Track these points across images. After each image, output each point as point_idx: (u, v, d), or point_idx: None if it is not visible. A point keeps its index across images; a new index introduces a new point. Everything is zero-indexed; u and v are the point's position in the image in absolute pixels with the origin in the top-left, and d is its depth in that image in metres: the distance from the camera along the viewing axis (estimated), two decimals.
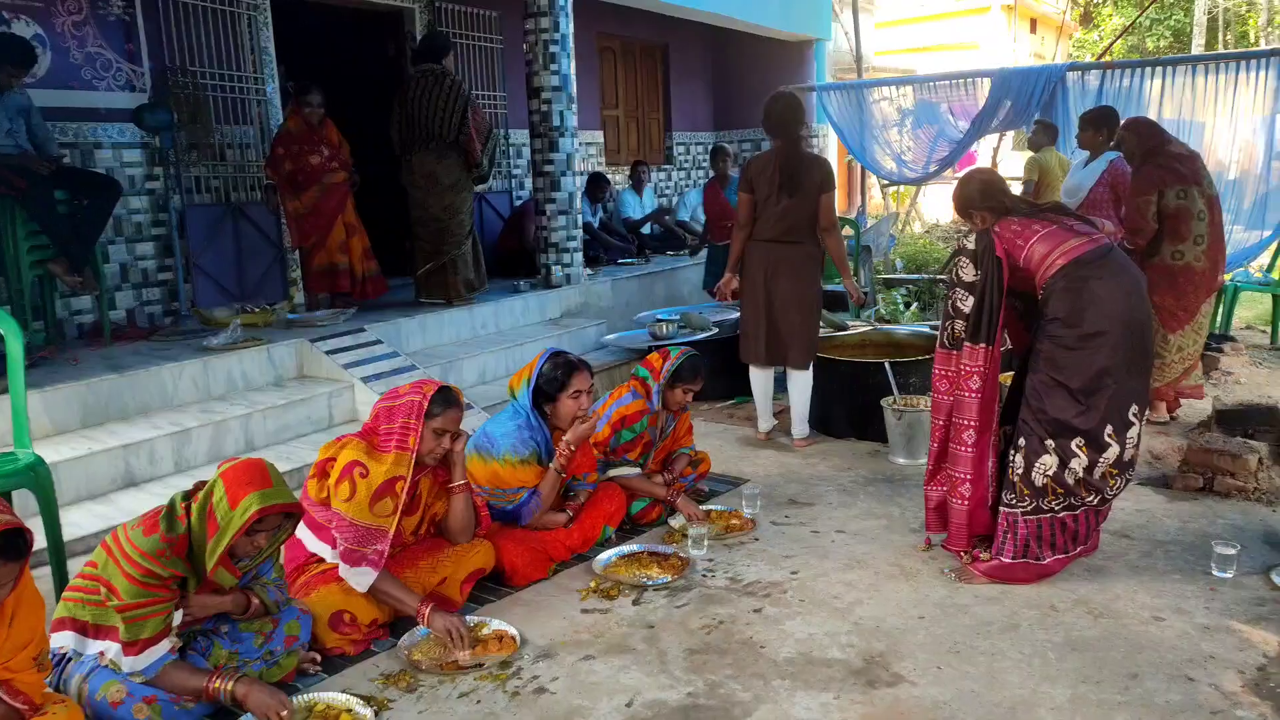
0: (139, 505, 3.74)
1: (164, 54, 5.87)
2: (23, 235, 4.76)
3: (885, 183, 12.61)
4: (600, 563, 3.48)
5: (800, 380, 4.86)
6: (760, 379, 5.01)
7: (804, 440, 4.92)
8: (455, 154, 6.08)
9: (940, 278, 7.87)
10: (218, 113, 6.19)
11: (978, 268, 3.17)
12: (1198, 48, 19.11)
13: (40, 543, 2.98)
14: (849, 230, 7.45)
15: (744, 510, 3.93)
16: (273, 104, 6.50)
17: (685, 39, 10.78)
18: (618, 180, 9.75)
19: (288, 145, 5.80)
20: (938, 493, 3.40)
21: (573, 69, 6.83)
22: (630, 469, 3.90)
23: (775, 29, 10.35)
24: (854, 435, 5.00)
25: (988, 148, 11.72)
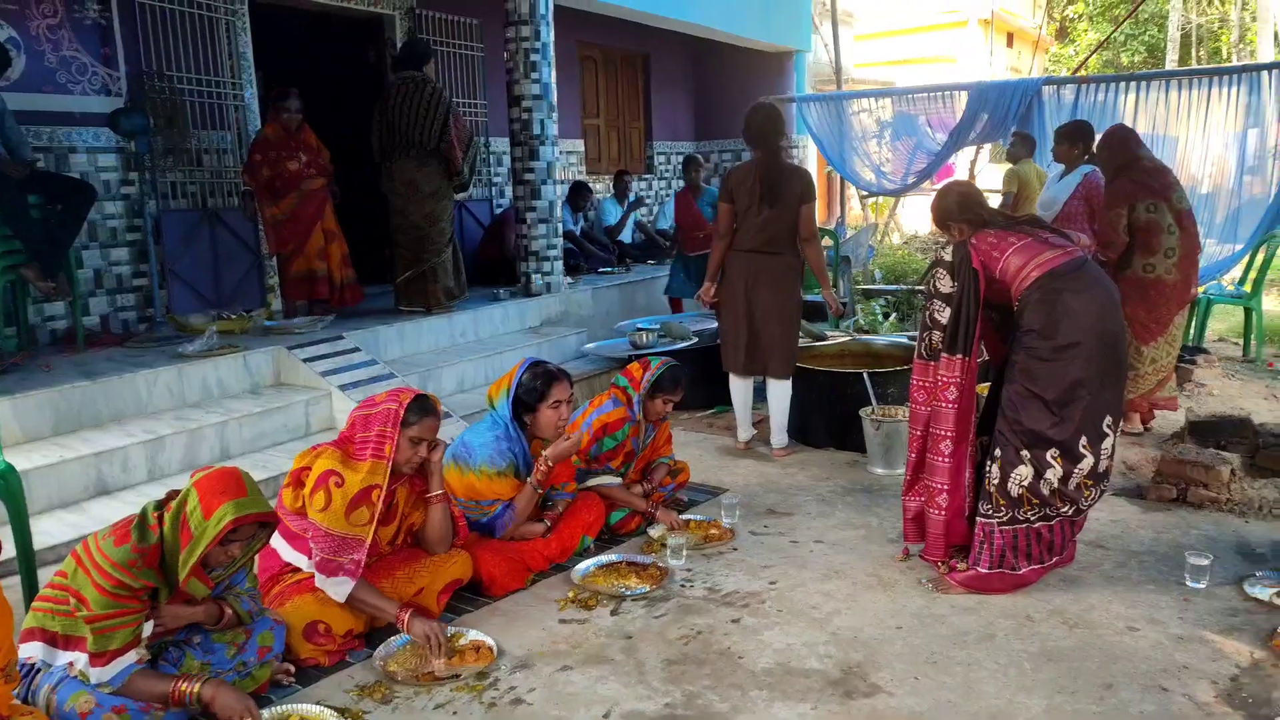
0: (111, 514, 3.69)
1: (141, 58, 5.83)
2: None
3: (864, 194, 12.72)
4: (579, 573, 3.47)
5: (780, 390, 4.87)
6: (740, 388, 5.02)
7: (783, 450, 4.93)
8: (436, 161, 6.06)
9: (918, 289, 7.92)
10: (195, 118, 6.14)
11: (955, 279, 3.20)
12: (1171, 63, 19.35)
13: (9, 551, 2.95)
14: (828, 241, 7.48)
15: (723, 520, 3.93)
16: (250, 109, 6.46)
17: (666, 49, 10.82)
18: (599, 189, 9.76)
19: (265, 151, 5.76)
20: (915, 503, 3.42)
21: (553, 77, 6.84)
22: (610, 478, 3.89)
23: (755, 40, 10.43)
24: (833, 445, 5.02)
25: (966, 160, 11.84)
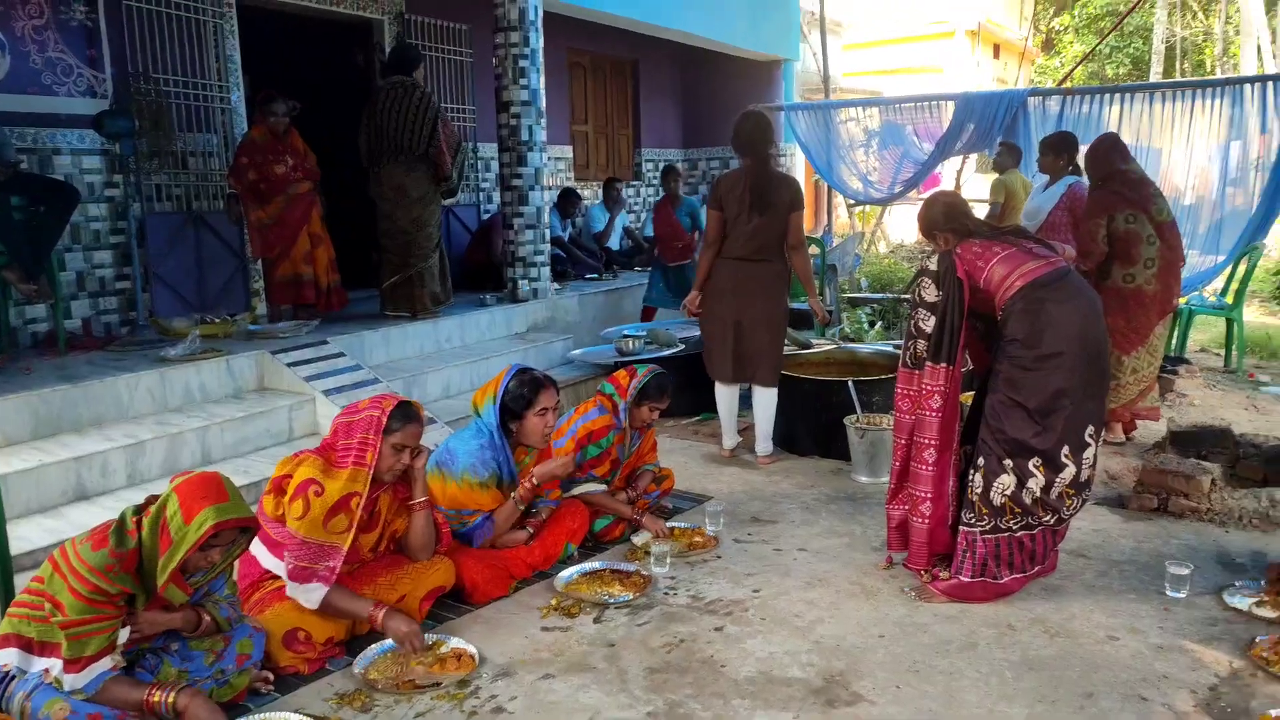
0: (90, 519, 3.66)
1: (127, 60, 5.80)
2: None
3: (851, 202, 12.75)
4: (562, 580, 3.45)
5: (765, 397, 4.88)
6: (725, 396, 5.02)
7: (768, 458, 4.94)
8: (424, 166, 6.05)
9: (904, 298, 7.95)
10: (181, 120, 6.12)
11: (940, 288, 3.21)
12: (1155, 75, 19.54)
13: None
14: (814, 249, 7.51)
15: (707, 528, 3.93)
16: (237, 112, 6.44)
17: (655, 56, 10.84)
18: (587, 195, 9.75)
19: (251, 155, 5.73)
20: (899, 511, 3.42)
21: (542, 84, 6.83)
22: (595, 486, 3.88)
23: (745, 48, 10.46)
24: (817, 453, 5.02)
25: (952, 170, 11.90)
